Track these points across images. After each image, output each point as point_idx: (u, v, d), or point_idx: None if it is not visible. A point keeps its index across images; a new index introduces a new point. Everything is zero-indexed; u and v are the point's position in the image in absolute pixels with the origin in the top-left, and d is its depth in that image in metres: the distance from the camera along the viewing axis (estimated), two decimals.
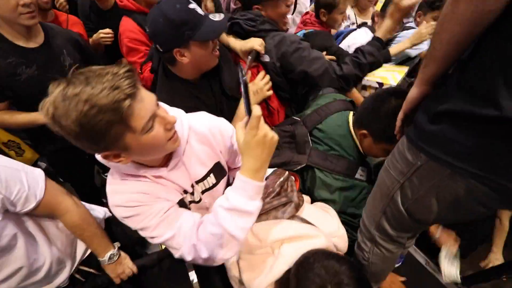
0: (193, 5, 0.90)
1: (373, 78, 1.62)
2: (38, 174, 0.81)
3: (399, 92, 0.94)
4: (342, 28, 2.08)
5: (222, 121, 0.84)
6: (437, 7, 1.71)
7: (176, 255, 0.69)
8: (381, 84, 1.65)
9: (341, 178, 1.04)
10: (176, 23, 0.86)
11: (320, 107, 1.19)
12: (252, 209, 0.62)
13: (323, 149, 1.09)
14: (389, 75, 1.65)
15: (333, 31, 1.96)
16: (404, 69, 1.71)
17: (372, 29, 1.81)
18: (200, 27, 0.89)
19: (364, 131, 1.01)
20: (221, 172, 0.83)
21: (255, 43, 1.19)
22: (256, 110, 0.58)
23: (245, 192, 0.61)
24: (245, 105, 0.60)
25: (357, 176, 1.06)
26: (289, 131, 1.18)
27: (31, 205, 0.77)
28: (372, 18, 1.95)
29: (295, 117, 1.27)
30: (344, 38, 1.88)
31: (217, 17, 0.93)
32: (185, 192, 0.77)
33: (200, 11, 0.91)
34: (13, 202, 0.73)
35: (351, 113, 1.13)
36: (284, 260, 0.72)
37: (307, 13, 1.87)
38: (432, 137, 0.61)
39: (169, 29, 0.87)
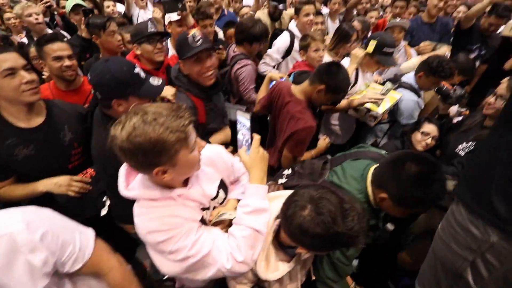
0: (137, 70, 1.06)
1: (363, 100, 1.76)
2: (90, 234, 0.82)
3: (419, 158, 0.95)
4: None
5: (218, 146, 1.07)
6: None
7: (210, 272, 0.78)
8: (369, 110, 1.78)
9: None
10: (120, 82, 1.01)
11: (351, 152, 1.31)
12: (267, 206, 0.87)
13: (337, 183, 1.13)
14: (381, 101, 1.79)
15: None
16: (397, 97, 1.84)
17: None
18: (141, 87, 1.06)
19: (384, 195, 0.99)
20: (225, 188, 0.99)
21: (167, 92, 1.38)
22: (256, 136, 0.92)
23: (259, 195, 0.87)
24: (248, 135, 0.97)
25: None
26: (314, 163, 1.30)
27: (78, 266, 0.76)
28: None
29: (327, 156, 1.41)
30: None
31: (156, 81, 1.10)
32: (203, 209, 0.89)
33: (142, 75, 1.08)
34: (63, 263, 0.73)
35: (373, 167, 1.11)
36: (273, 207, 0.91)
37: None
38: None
39: (113, 84, 1.01)
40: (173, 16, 2.12)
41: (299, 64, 2.09)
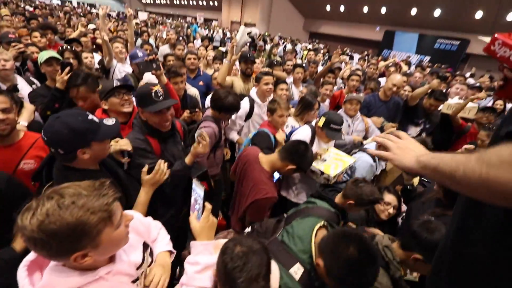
0: (90, 116, 1.13)
1: (318, 165, 1.89)
2: None
3: (364, 246, 0.99)
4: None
5: (131, 211, 1.05)
6: None
7: None
8: (322, 172, 1.90)
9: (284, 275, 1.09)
10: (80, 132, 1.06)
11: (301, 209, 1.42)
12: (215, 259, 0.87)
13: (286, 242, 1.22)
14: (334, 165, 1.92)
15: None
16: (350, 161, 1.98)
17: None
18: (98, 131, 1.11)
19: (321, 263, 1.04)
20: (149, 248, 0.96)
21: (122, 145, 1.44)
22: (208, 205, 0.99)
23: (208, 251, 0.91)
24: (200, 203, 1.03)
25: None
26: (269, 222, 1.44)
27: None
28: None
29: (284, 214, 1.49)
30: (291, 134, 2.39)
31: (110, 121, 1.17)
32: (133, 281, 0.83)
33: (96, 119, 1.14)
34: None
35: (318, 226, 1.19)
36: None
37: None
38: None
39: (73, 136, 1.05)
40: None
41: (263, 124, 2.35)
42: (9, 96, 1.43)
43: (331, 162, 1.96)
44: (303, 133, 2.22)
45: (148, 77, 2.43)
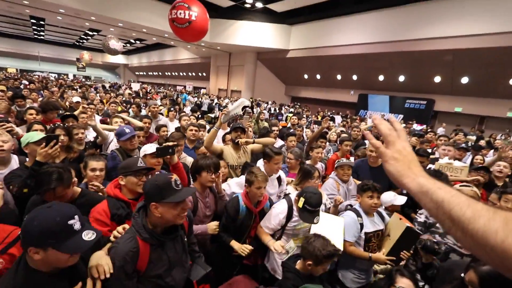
0: (72, 221, 1.03)
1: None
2: None
3: None
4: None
5: None
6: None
7: None
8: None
9: None
10: (45, 232, 0.98)
11: None
12: None
13: None
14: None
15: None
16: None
17: None
18: (66, 240, 1.01)
19: None
20: None
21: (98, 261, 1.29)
22: None
23: None
24: None
25: None
26: None
27: None
28: None
29: None
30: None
31: (89, 235, 1.06)
32: None
33: (77, 227, 1.04)
34: None
35: None
36: None
37: None
38: None
39: (36, 233, 0.98)
40: (149, 149, 2.28)
41: (242, 193, 2.22)
42: None
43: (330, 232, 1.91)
44: (279, 207, 2.15)
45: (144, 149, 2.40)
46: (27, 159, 2.17)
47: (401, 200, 2.44)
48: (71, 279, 1.13)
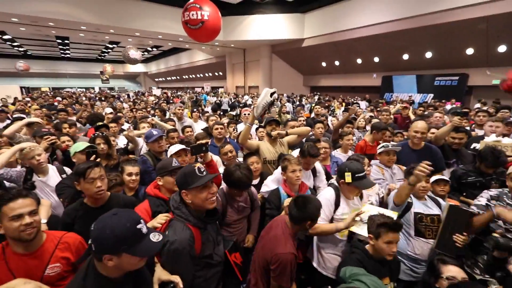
0: (140, 225, 1.06)
1: (359, 230, 1.86)
2: None
3: None
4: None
5: None
6: None
7: None
8: (353, 233, 1.93)
9: None
10: (118, 239, 1.00)
11: None
12: None
13: None
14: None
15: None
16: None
17: None
18: (138, 244, 1.04)
19: None
20: None
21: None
22: None
23: None
24: None
25: None
26: None
27: None
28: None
29: None
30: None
31: (156, 237, 1.09)
32: None
33: (144, 230, 1.07)
34: None
35: None
36: None
37: None
38: None
39: (111, 241, 1.00)
40: (173, 149, 2.41)
41: (282, 183, 2.32)
42: (34, 197, 1.39)
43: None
44: (326, 194, 2.07)
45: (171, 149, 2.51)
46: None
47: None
48: (135, 282, 1.18)
